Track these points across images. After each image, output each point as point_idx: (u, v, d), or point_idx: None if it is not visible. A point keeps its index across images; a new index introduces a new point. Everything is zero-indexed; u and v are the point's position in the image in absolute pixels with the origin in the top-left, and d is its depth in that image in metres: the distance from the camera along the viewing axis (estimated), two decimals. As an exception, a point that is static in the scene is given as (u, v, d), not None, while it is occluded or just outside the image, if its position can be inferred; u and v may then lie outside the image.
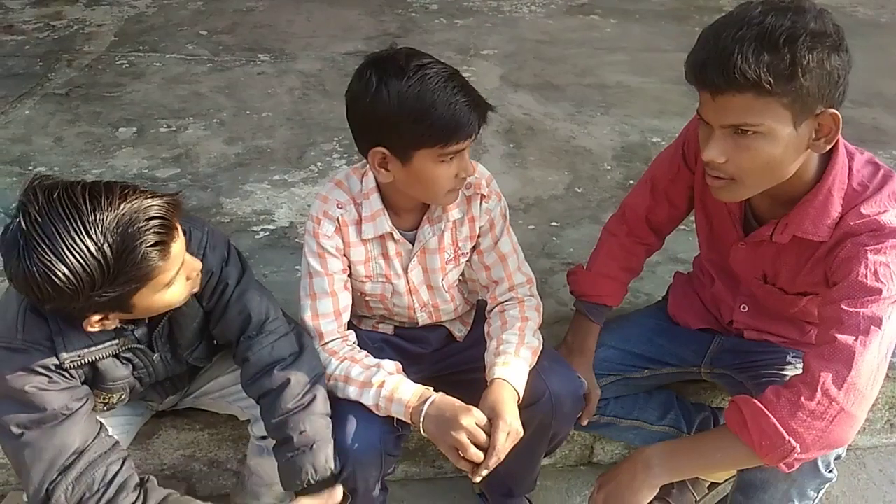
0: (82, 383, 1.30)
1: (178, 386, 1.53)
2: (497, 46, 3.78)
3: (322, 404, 1.37)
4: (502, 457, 1.30)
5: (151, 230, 1.11)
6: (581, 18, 4.24)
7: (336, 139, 2.84)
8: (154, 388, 1.47)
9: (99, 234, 1.08)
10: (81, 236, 1.07)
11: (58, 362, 1.23)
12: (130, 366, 1.35)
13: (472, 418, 1.29)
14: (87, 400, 1.30)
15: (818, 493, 1.40)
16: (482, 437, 1.29)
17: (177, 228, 1.17)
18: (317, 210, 1.42)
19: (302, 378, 1.36)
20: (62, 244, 1.06)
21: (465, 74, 1.31)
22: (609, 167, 2.75)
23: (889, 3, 4.60)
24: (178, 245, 1.18)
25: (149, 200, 1.13)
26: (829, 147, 1.19)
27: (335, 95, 3.15)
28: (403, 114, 1.23)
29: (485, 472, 1.31)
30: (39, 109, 3.04)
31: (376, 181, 1.40)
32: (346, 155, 2.73)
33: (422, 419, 1.32)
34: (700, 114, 1.21)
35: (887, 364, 1.21)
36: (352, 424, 1.37)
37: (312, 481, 1.33)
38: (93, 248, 1.07)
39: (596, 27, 4.12)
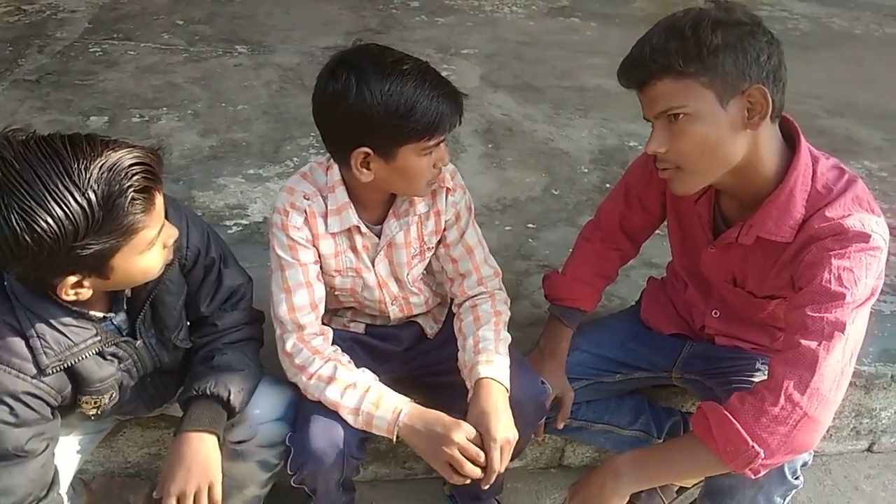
0: (61, 405, 1.23)
1: (164, 396, 1.48)
2: (477, 46, 3.78)
3: (252, 361, 1.43)
4: (502, 469, 1.32)
5: (138, 175, 1.06)
6: (561, 21, 4.26)
7: (313, 134, 2.80)
8: (140, 397, 1.41)
9: (83, 179, 1.01)
10: (65, 182, 1.00)
11: (30, 381, 1.16)
12: (116, 360, 1.29)
13: (463, 433, 1.30)
14: (48, 445, 1.22)
15: (785, 500, 1.41)
16: (475, 451, 1.30)
17: (160, 179, 1.12)
18: (283, 202, 1.39)
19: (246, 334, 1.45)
20: (43, 190, 1.00)
21: (444, 73, 1.31)
22: (586, 170, 2.76)
23: (863, 16, 4.69)
24: (161, 200, 1.14)
25: (132, 149, 1.08)
26: (762, 122, 1.21)
27: (313, 90, 3.12)
28: (389, 111, 1.22)
29: (486, 487, 1.33)
30: (8, 95, 2.97)
31: (341, 175, 1.38)
32: (322, 150, 2.69)
33: (398, 430, 1.33)
34: (643, 116, 1.28)
35: (852, 369, 1.22)
36: (315, 424, 1.35)
37: (208, 392, 1.33)
38: (77, 195, 1.01)
39: (576, 30, 4.14)
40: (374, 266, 1.47)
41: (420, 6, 4.24)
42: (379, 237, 1.45)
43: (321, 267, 1.45)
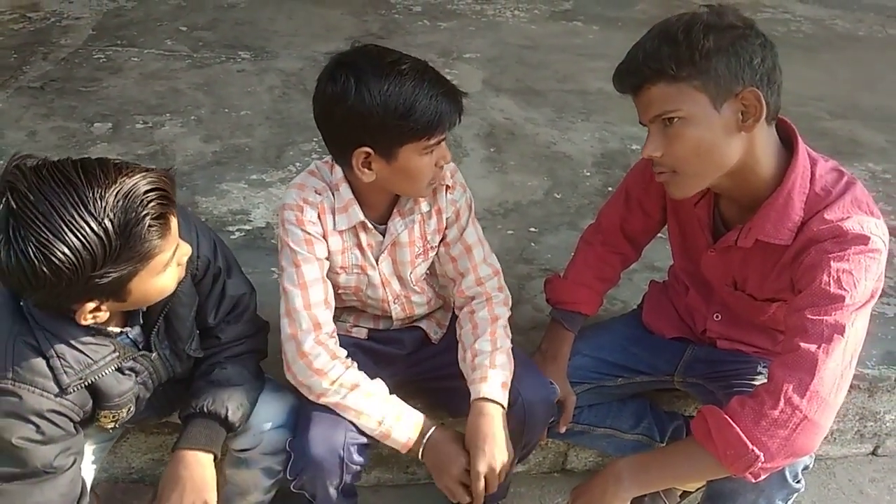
0: (83, 421, 1.24)
1: (174, 405, 1.48)
2: (480, 50, 3.78)
3: (252, 375, 1.43)
4: (490, 490, 1.38)
5: (154, 202, 1.06)
6: (564, 24, 4.26)
7: (315, 139, 2.81)
8: (152, 406, 1.42)
9: (99, 208, 1.01)
10: (80, 212, 1.00)
11: (54, 399, 1.17)
12: (133, 374, 1.30)
13: (461, 467, 1.38)
14: (75, 460, 1.23)
15: (786, 503, 1.41)
16: (467, 486, 1.39)
17: (175, 202, 1.12)
18: (295, 198, 1.39)
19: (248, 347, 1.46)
20: (59, 221, 0.99)
21: (447, 77, 1.31)
22: (588, 174, 2.76)
23: (867, 17, 4.67)
24: (175, 222, 1.14)
25: (146, 173, 1.07)
26: (756, 125, 1.22)
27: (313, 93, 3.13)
28: (389, 112, 1.23)
29: None
30: (13, 103, 2.98)
31: (344, 174, 1.39)
32: (324, 155, 2.69)
33: (421, 449, 1.40)
34: (639, 121, 1.29)
35: (852, 372, 1.21)
36: (314, 429, 1.36)
37: (206, 410, 1.33)
38: (93, 224, 1.01)
39: (578, 34, 4.14)
40: (378, 264, 1.48)
41: (422, 11, 4.25)
42: (383, 236, 1.45)
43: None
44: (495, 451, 1.37)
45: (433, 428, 1.41)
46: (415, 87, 1.23)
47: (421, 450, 1.39)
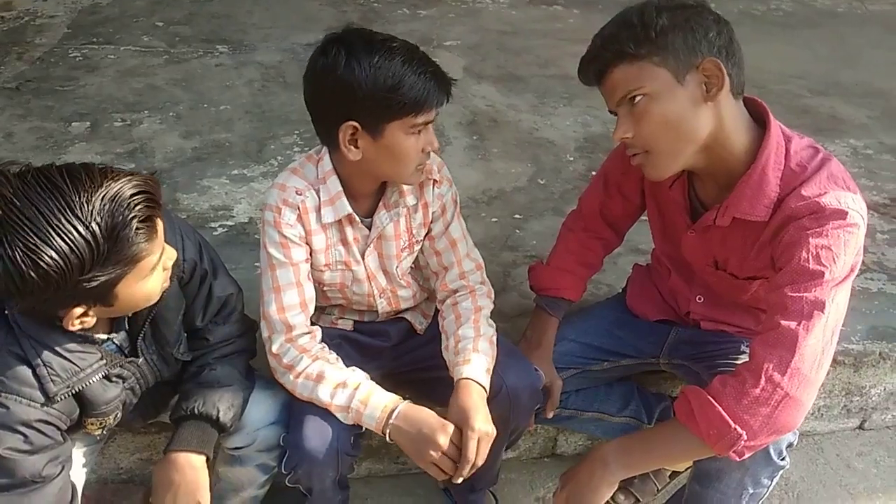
0: (69, 427, 1.24)
1: (159, 407, 1.49)
2: (460, 37, 3.77)
3: (242, 374, 1.42)
4: (479, 463, 1.33)
5: (140, 205, 1.06)
6: (544, 9, 4.24)
7: (296, 132, 2.80)
8: (137, 409, 1.41)
9: (86, 212, 1.01)
10: (67, 216, 1.00)
11: (41, 409, 1.16)
12: (120, 381, 1.29)
13: (447, 436, 1.31)
14: (63, 467, 1.23)
15: (772, 481, 1.41)
16: (457, 452, 1.33)
17: (160, 205, 1.12)
18: (275, 199, 1.39)
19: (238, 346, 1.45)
20: (46, 226, 0.99)
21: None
22: (572, 159, 2.76)
23: (846, -7, 4.68)
24: (161, 225, 1.14)
25: (131, 177, 1.07)
26: (720, 94, 1.22)
27: (295, 87, 3.08)
28: (377, 85, 1.23)
29: (460, 480, 1.34)
30: (-12, 104, 2.95)
31: (333, 165, 1.38)
32: (306, 148, 2.69)
33: (388, 430, 1.33)
34: (608, 109, 1.31)
35: (833, 347, 1.22)
36: (308, 424, 1.36)
37: (197, 412, 1.33)
38: (80, 228, 1.01)
39: (559, 18, 4.13)
40: (363, 259, 1.47)
41: (401, -1, 4.23)
42: (369, 229, 1.45)
43: (311, 263, 1.44)
44: (482, 419, 1.33)
45: (400, 406, 1.34)
46: (404, 63, 1.24)
47: (387, 430, 1.33)
